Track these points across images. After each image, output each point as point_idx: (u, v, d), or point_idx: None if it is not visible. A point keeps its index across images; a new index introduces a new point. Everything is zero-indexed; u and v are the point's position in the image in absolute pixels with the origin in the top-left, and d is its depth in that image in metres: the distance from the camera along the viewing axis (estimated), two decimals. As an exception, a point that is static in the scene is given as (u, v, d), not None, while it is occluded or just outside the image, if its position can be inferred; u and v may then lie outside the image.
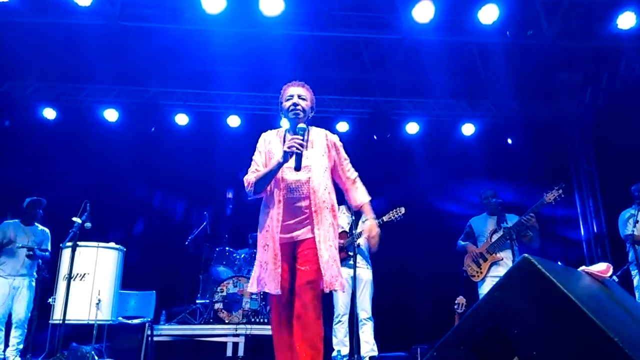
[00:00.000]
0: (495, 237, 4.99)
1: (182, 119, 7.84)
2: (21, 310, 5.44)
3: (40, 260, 5.56)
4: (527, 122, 8.04)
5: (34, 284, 5.58)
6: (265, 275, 2.82)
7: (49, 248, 5.75)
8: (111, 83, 7.71)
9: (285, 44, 6.79)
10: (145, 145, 7.76)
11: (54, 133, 7.60)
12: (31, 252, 5.39)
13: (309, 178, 2.87)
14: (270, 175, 2.86)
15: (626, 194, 5.62)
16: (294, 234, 2.87)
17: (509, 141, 8.04)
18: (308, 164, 2.89)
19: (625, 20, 6.08)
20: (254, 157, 3.03)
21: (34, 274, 5.62)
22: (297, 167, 2.80)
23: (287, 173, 2.87)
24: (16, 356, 5.32)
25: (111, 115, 7.67)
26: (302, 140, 2.81)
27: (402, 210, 4.94)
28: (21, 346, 5.40)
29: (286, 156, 2.80)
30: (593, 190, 7.88)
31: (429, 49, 6.85)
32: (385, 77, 7.80)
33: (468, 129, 8.03)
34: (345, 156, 3.13)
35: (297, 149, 2.76)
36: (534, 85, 7.81)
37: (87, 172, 7.51)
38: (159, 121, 7.77)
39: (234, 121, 7.87)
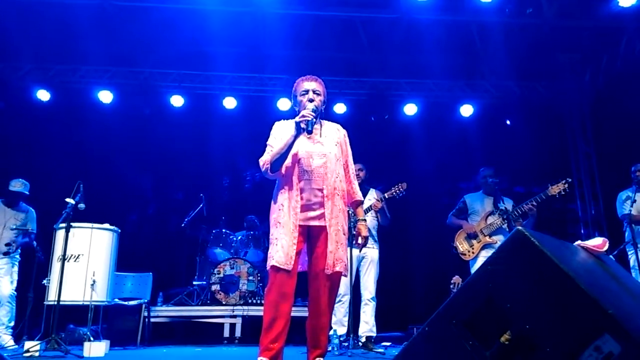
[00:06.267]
0: (490, 219, 4.96)
1: (177, 101, 7.76)
2: (3, 288, 5.41)
3: (19, 241, 5.51)
4: (526, 103, 7.97)
5: (15, 262, 5.56)
6: (274, 250, 2.87)
7: (34, 229, 5.70)
8: (106, 64, 7.62)
9: (281, 23, 6.69)
10: (140, 126, 7.70)
11: (48, 115, 7.53)
12: (9, 248, 5.39)
13: (324, 163, 2.96)
14: (286, 150, 2.92)
15: (624, 175, 5.60)
16: (308, 216, 2.93)
17: (508, 122, 7.98)
18: (323, 151, 2.99)
19: (626, -2, 5.98)
20: (268, 142, 3.07)
21: (17, 255, 5.59)
22: (309, 131, 2.88)
23: (304, 157, 2.96)
24: (6, 334, 5.32)
25: (106, 96, 7.60)
26: (313, 112, 2.93)
27: (404, 185, 4.95)
28: (12, 323, 5.38)
29: (298, 127, 2.89)
30: (591, 171, 7.84)
31: (427, 28, 6.74)
32: (382, 58, 7.70)
33: (466, 110, 7.97)
34: (350, 152, 3.23)
35: (308, 116, 2.87)
36: (532, 66, 7.72)
37: (81, 154, 7.48)
38: (154, 103, 7.71)
39: (230, 102, 7.80)
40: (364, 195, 5.18)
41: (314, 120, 2.94)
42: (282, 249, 2.83)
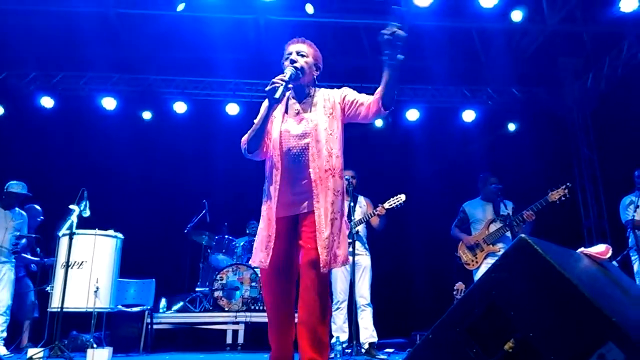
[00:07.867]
0: (493, 227, 4.94)
1: (180, 107, 7.80)
2: (3, 297, 5.26)
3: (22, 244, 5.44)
4: (528, 108, 7.99)
5: (13, 267, 5.43)
6: (255, 245, 2.63)
7: (26, 232, 5.63)
8: (109, 71, 7.67)
9: (283, 30, 6.71)
10: (143, 133, 7.73)
11: (52, 121, 7.55)
12: (18, 249, 5.33)
13: (308, 144, 2.56)
14: (261, 126, 2.60)
15: (627, 180, 5.59)
16: (295, 205, 2.59)
17: (509, 128, 7.99)
18: (309, 128, 2.59)
19: (627, 3, 5.97)
20: (254, 121, 2.76)
21: (14, 259, 5.47)
22: (278, 99, 2.49)
23: (287, 138, 2.60)
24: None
25: (109, 103, 7.63)
26: (291, 76, 2.54)
27: (403, 197, 4.94)
28: (4, 334, 5.22)
29: (270, 96, 2.50)
30: (594, 176, 7.83)
31: (429, 34, 6.76)
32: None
33: (468, 116, 7.98)
34: (350, 95, 2.70)
35: (278, 82, 2.48)
36: (534, 71, 7.74)
37: (85, 161, 7.49)
38: (158, 109, 7.74)
39: (232, 109, 7.82)
40: (354, 204, 5.17)
41: (286, 85, 2.49)
42: (258, 245, 2.58)
